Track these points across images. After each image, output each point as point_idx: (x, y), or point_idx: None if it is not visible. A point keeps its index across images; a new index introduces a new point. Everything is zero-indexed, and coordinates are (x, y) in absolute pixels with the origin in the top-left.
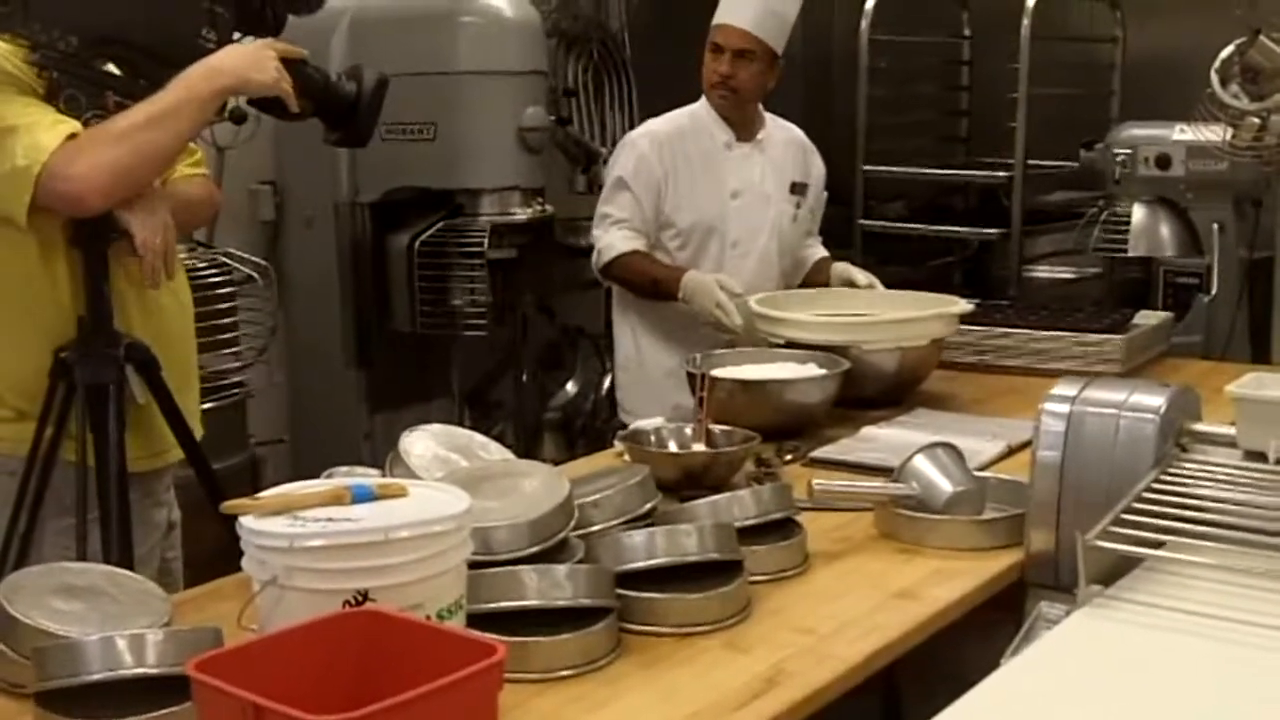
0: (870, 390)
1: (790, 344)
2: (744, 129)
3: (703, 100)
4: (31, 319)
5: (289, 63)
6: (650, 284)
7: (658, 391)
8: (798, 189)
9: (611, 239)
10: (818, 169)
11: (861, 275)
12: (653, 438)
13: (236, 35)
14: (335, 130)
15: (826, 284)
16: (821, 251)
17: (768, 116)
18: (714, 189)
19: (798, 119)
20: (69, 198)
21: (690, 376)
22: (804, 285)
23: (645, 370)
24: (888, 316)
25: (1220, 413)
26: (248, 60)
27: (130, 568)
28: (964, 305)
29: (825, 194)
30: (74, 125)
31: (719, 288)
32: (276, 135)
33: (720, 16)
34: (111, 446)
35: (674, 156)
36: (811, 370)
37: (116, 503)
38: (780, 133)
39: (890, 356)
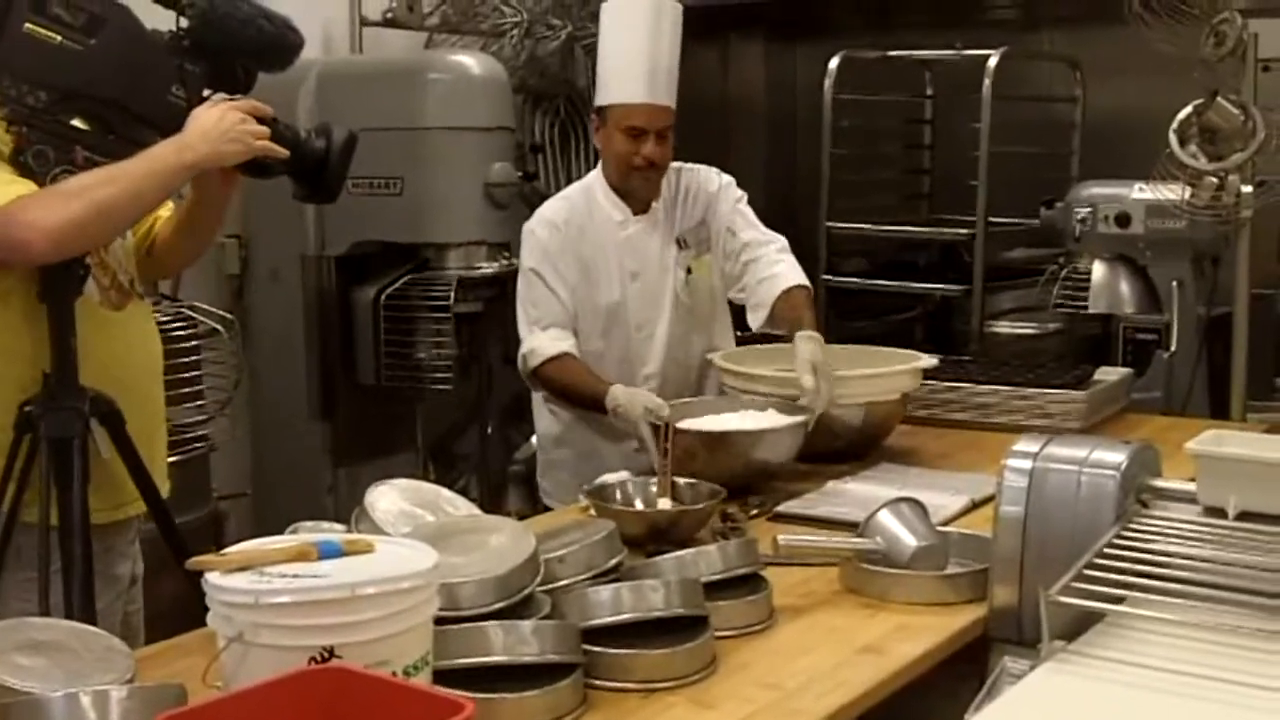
0: (835, 445)
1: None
2: (641, 202)
3: (596, 176)
4: None
5: (260, 120)
6: (575, 399)
7: (577, 473)
8: (687, 241)
9: (537, 342)
10: (722, 194)
11: (809, 379)
12: (618, 493)
13: (207, 92)
14: (304, 186)
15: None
16: (784, 280)
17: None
18: (614, 272)
19: (761, 176)
20: (17, 244)
21: (654, 429)
22: (774, 317)
23: (566, 450)
24: (853, 372)
25: (1180, 469)
26: (218, 134)
27: (92, 622)
28: (928, 360)
29: (742, 195)
30: (29, 185)
31: (645, 419)
32: (243, 188)
33: (627, 96)
34: (75, 501)
35: (573, 242)
36: (773, 418)
37: (79, 557)
38: (673, 181)
39: (855, 411)
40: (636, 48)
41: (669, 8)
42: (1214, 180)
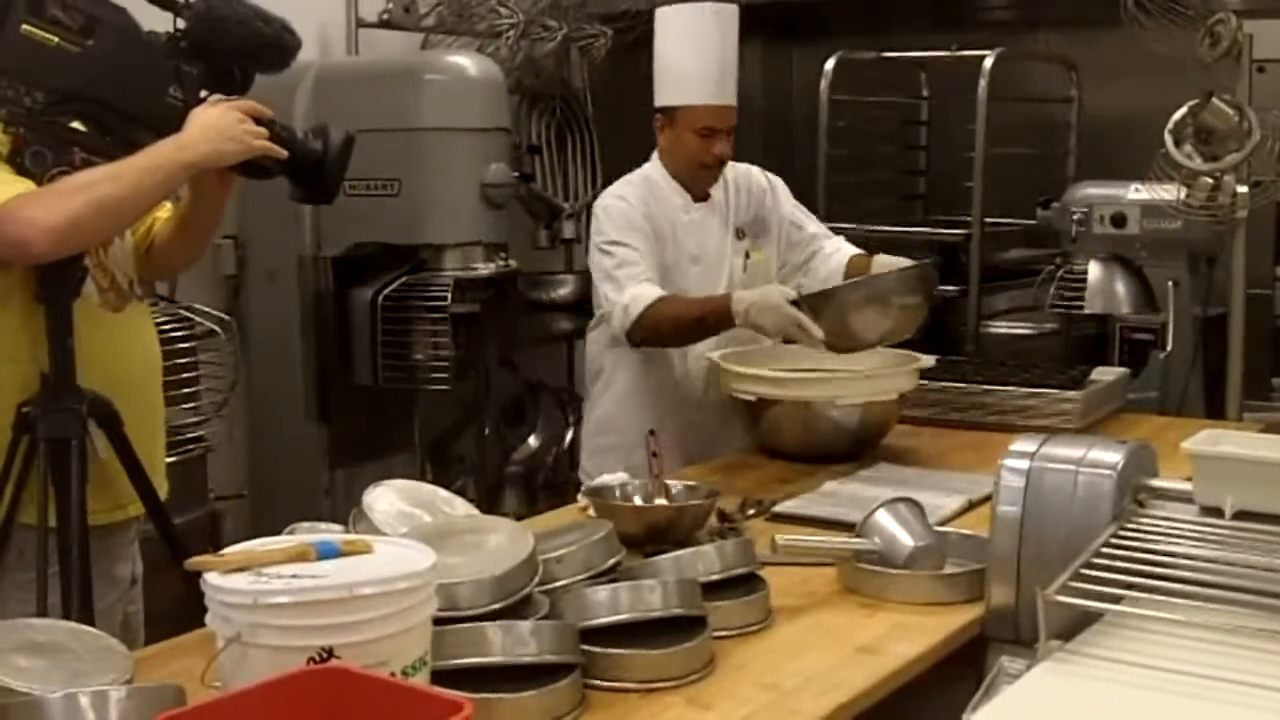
0: (833, 445)
1: (760, 400)
2: (702, 191)
3: (654, 164)
4: None
5: (258, 121)
6: (695, 322)
7: (628, 459)
8: (745, 232)
9: (635, 291)
10: (777, 192)
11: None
12: (617, 493)
13: (204, 93)
14: (302, 187)
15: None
16: (849, 250)
17: None
18: (677, 255)
19: None
20: (17, 241)
21: (651, 436)
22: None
23: (617, 435)
24: (850, 372)
25: (1176, 468)
26: (217, 133)
27: (91, 623)
28: (926, 360)
29: (792, 202)
30: (28, 184)
31: (788, 305)
32: (239, 189)
33: (700, 98)
34: (73, 502)
35: (645, 217)
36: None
37: (78, 558)
38: (728, 175)
39: (853, 411)
40: (705, 53)
41: (729, 11)
42: (1209, 181)
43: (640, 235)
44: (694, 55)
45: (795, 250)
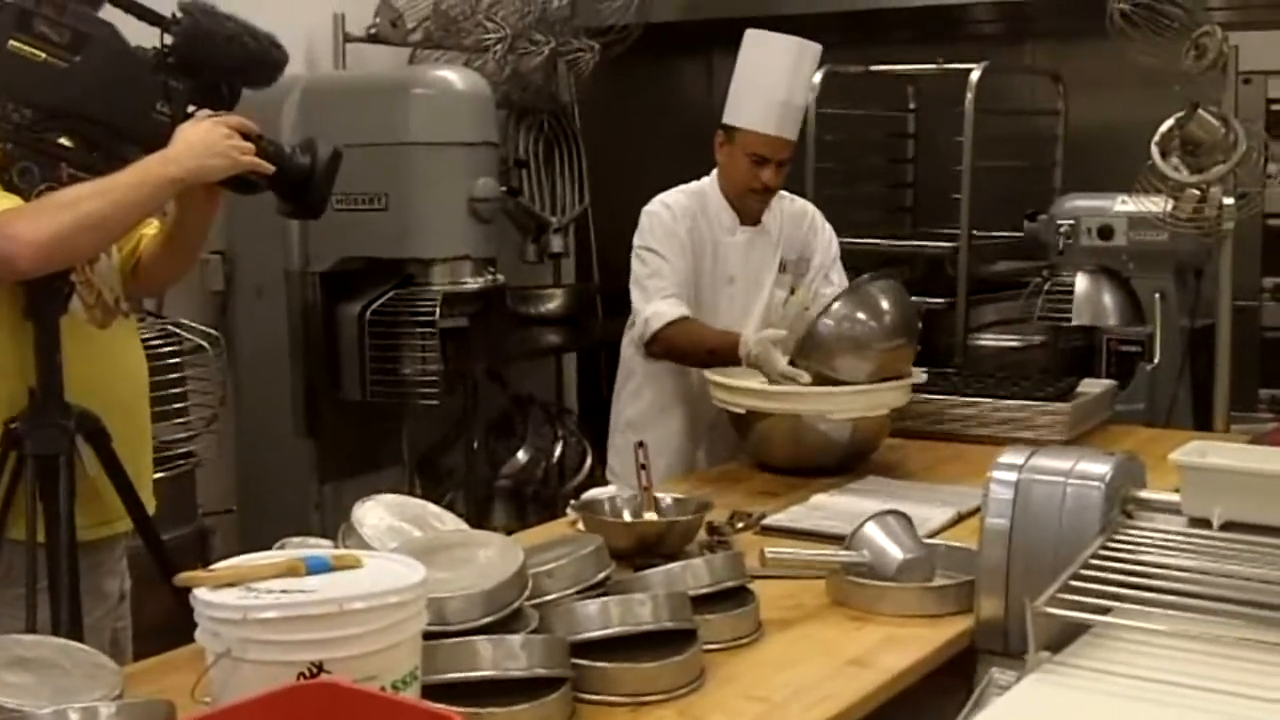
0: (823, 459)
1: (750, 413)
2: (751, 215)
3: (711, 180)
4: None
5: (245, 136)
6: (706, 353)
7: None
8: (788, 266)
9: (658, 307)
10: (824, 238)
11: None
12: (606, 507)
13: (191, 108)
14: (289, 203)
15: None
16: None
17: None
18: (713, 273)
19: None
20: (4, 257)
21: (637, 450)
22: None
23: (640, 435)
24: (842, 388)
25: (1164, 480)
26: (202, 148)
27: (80, 639)
28: (918, 376)
29: (833, 256)
30: (15, 200)
31: (780, 356)
32: (227, 204)
33: (759, 125)
34: (61, 518)
35: (687, 231)
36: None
37: (66, 574)
38: (785, 207)
39: (844, 426)
40: (775, 83)
41: (813, 51)
42: (1196, 193)
43: (676, 248)
44: (767, 84)
45: (815, 302)
